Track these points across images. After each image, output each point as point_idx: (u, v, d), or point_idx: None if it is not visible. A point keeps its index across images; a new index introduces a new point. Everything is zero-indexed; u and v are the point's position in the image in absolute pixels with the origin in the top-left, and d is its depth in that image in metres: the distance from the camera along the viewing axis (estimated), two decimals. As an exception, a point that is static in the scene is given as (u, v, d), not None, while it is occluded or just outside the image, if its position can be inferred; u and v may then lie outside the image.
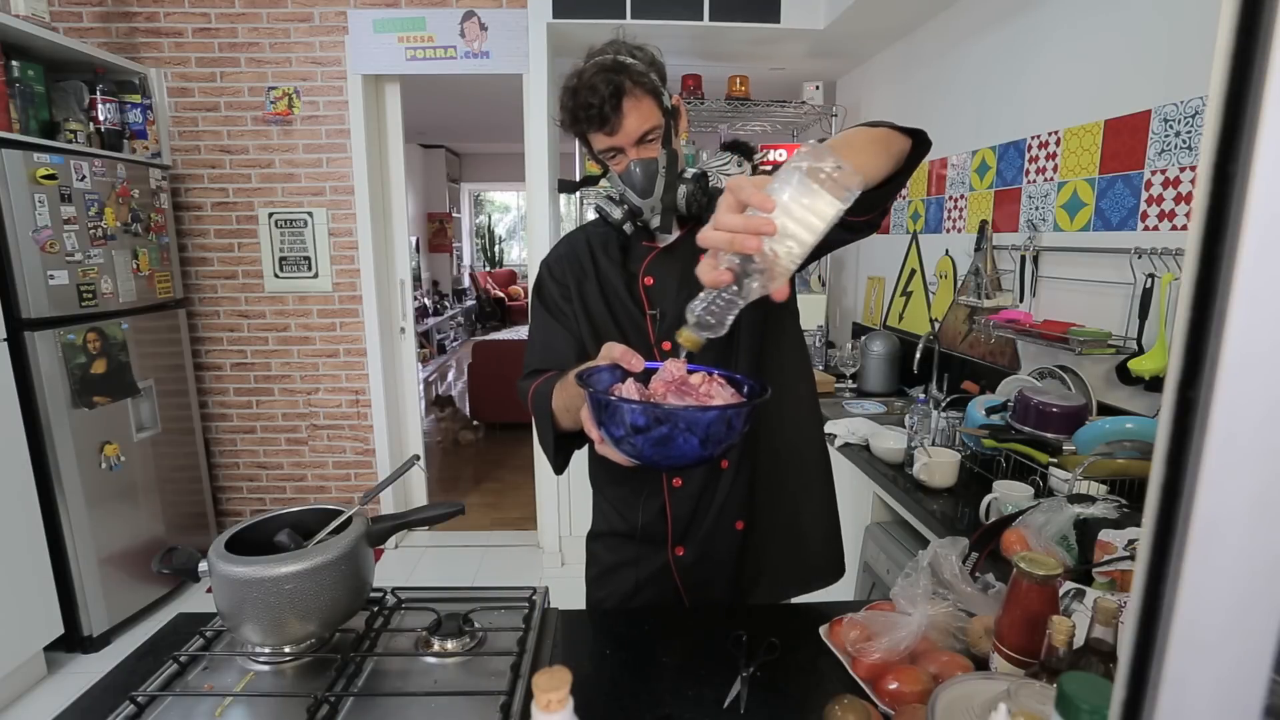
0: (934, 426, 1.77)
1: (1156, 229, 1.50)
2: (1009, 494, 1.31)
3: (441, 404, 5.01)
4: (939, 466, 1.53)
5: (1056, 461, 1.36)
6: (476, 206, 9.39)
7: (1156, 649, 0.23)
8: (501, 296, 8.81)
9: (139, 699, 0.76)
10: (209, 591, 0.82)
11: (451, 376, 6.20)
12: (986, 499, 1.33)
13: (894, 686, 0.76)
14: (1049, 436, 1.42)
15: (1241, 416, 0.22)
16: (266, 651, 0.84)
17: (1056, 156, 1.81)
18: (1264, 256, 0.21)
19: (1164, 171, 1.48)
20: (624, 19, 2.54)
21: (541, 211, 2.89)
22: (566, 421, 0.95)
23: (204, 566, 0.84)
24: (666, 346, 1.02)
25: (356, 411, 3.12)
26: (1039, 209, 1.89)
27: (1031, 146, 1.92)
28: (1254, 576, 0.23)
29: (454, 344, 6.84)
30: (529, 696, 0.59)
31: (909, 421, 1.80)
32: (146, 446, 2.59)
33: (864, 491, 1.83)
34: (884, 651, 0.79)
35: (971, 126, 2.22)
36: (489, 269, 9.54)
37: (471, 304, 8.27)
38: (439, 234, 7.68)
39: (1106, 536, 0.97)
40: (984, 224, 2.08)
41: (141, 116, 2.69)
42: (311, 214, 2.95)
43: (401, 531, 1.79)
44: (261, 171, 2.92)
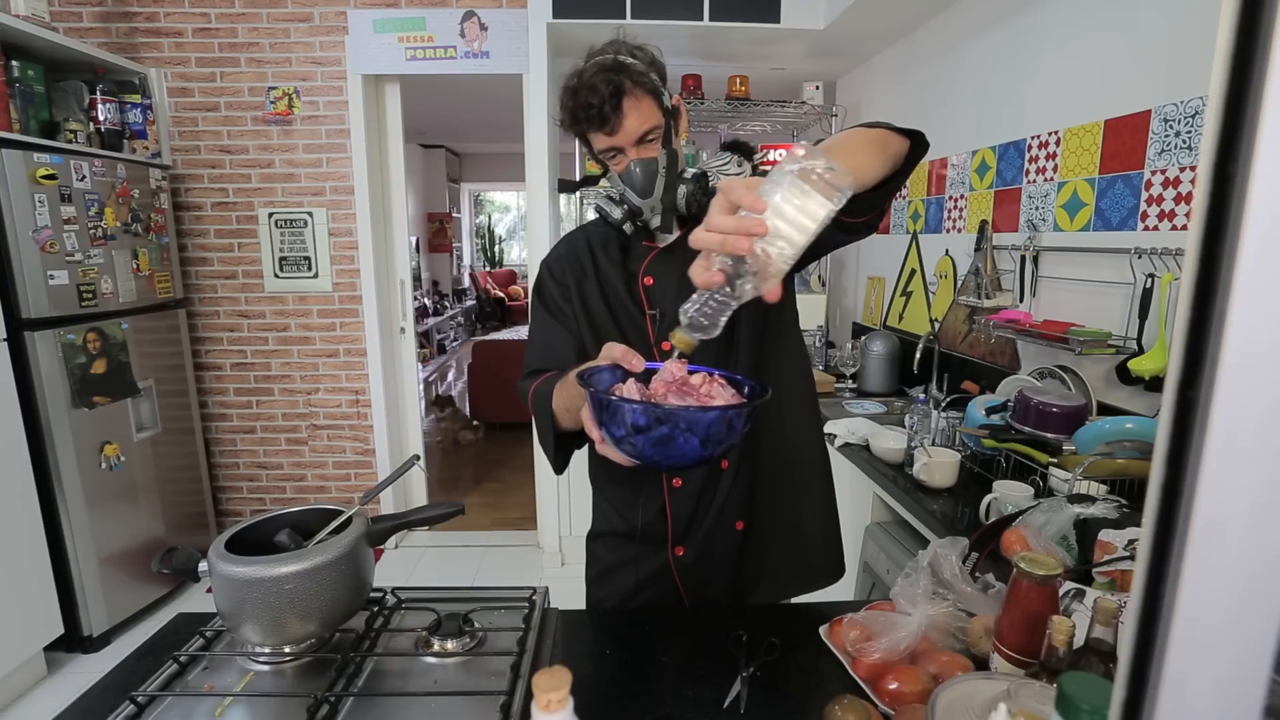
0: (934, 426, 1.77)
1: (1156, 229, 1.50)
2: (1009, 494, 1.31)
3: (441, 404, 5.01)
4: (939, 466, 1.53)
5: (1056, 461, 1.36)
6: (476, 206, 9.39)
7: (1156, 649, 0.23)
8: (501, 296, 8.81)
9: (139, 699, 0.76)
10: (209, 591, 0.82)
11: (451, 376, 6.20)
12: (986, 499, 1.33)
13: (894, 686, 0.76)
14: (1049, 436, 1.42)
15: (1241, 416, 0.22)
16: (266, 651, 0.84)
17: (1056, 156, 1.81)
18: (1264, 256, 0.21)
19: (1164, 171, 1.48)
20: (624, 19, 2.54)
21: (541, 211, 2.89)
22: (567, 421, 0.95)
23: (204, 566, 0.84)
24: (666, 346, 1.02)
25: (356, 411, 3.12)
26: (1039, 209, 1.89)
27: (1031, 146, 1.92)
28: (1254, 576, 0.23)
29: (454, 344, 6.84)
30: (529, 696, 0.59)
31: (909, 421, 1.80)
32: (146, 446, 2.59)
33: (864, 491, 1.83)
34: (884, 651, 0.79)
35: (971, 126, 2.22)
36: (489, 269, 9.54)
37: (471, 304, 8.27)
38: (439, 234, 7.68)
39: (1106, 536, 0.97)
40: (984, 224, 2.08)
41: (141, 116, 2.69)
42: (311, 214, 2.95)
43: (401, 531, 1.79)
44: (261, 171, 2.92)
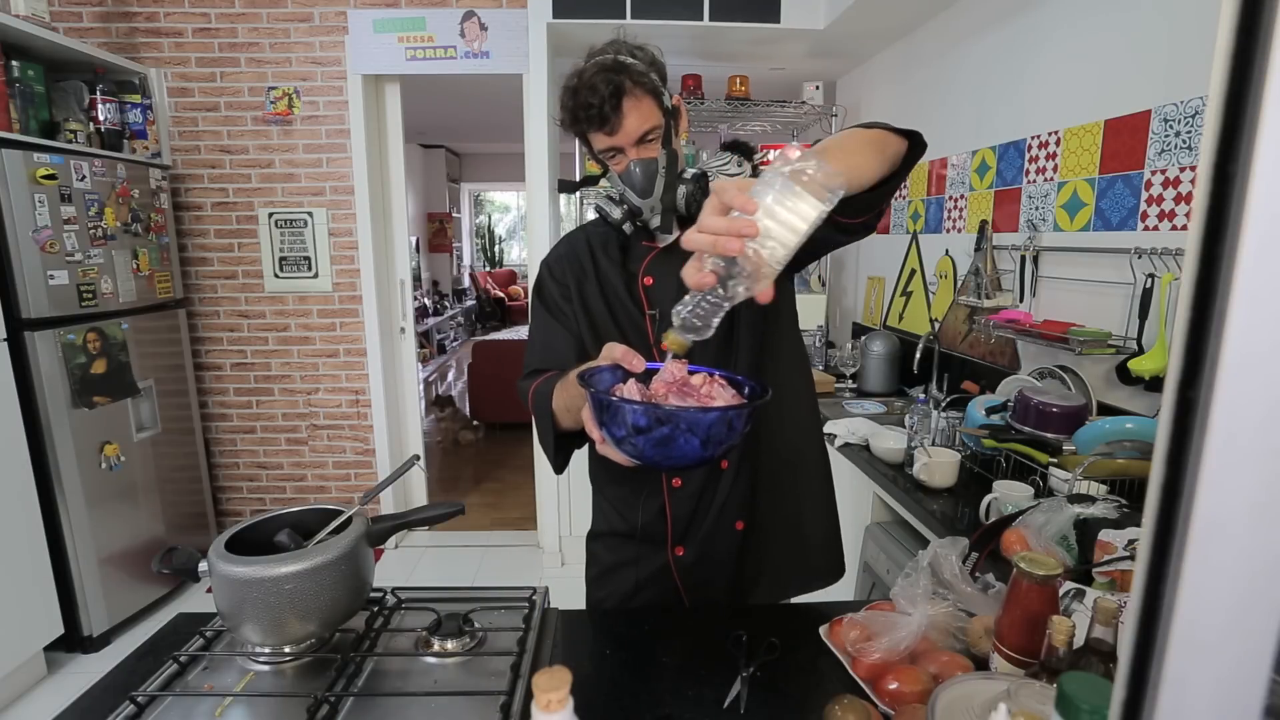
0: (934, 426, 1.77)
1: (1156, 229, 1.50)
2: (1009, 494, 1.31)
3: (441, 404, 5.01)
4: (939, 466, 1.53)
5: (1056, 461, 1.36)
6: (476, 206, 9.39)
7: (1156, 649, 0.23)
8: (501, 296, 8.81)
9: (139, 699, 0.76)
10: (209, 591, 0.82)
11: (451, 376, 6.20)
12: (986, 499, 1.33)
13: (894, 686, 0.76)
14: (1049, 436, 1.42)
15: (1241, 416, 0.22)
16: (266, 651, 0.84)
17: (1056, 156, 1.81)
18: (1264, 256, 0.21)
19: (1164, 171, 1.48)
20: (624, 19, 2.54)
21: (541, 211, 2.89)
22: (567, 421, 0.95)
23: (204, 566, 0.84)
24: (665, 347, 1.02)
25: (356, 411, 3.12)
26: (1039, 209, 1.89)
27: (1031, 146, 1.92)
28: (1254, 576, 0.23)
29: (454, 344, 6.84)
30: (529, 696, 0.59)
31: (909, 421, 1.80)
32: (146, 446, 2.59)
33: (864, 491, 1.83)
34: (884, 651, 0.79)
35: (971, 126, 2.22)
36: (489, 269, 9.54)
37: (471, 304, 8.27)
38: (439, 234, 7.68)
39: (1106, 536, 0.97)
40: (984, 224, 2.08)
41: (141, 116, 2.69)
42: (311, 214, 2.95)
43: (401, 531, 1.79)
44: (261, 171, 2.92)
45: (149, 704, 0.77)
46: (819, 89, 3.05)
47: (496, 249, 9.92)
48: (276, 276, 2.99)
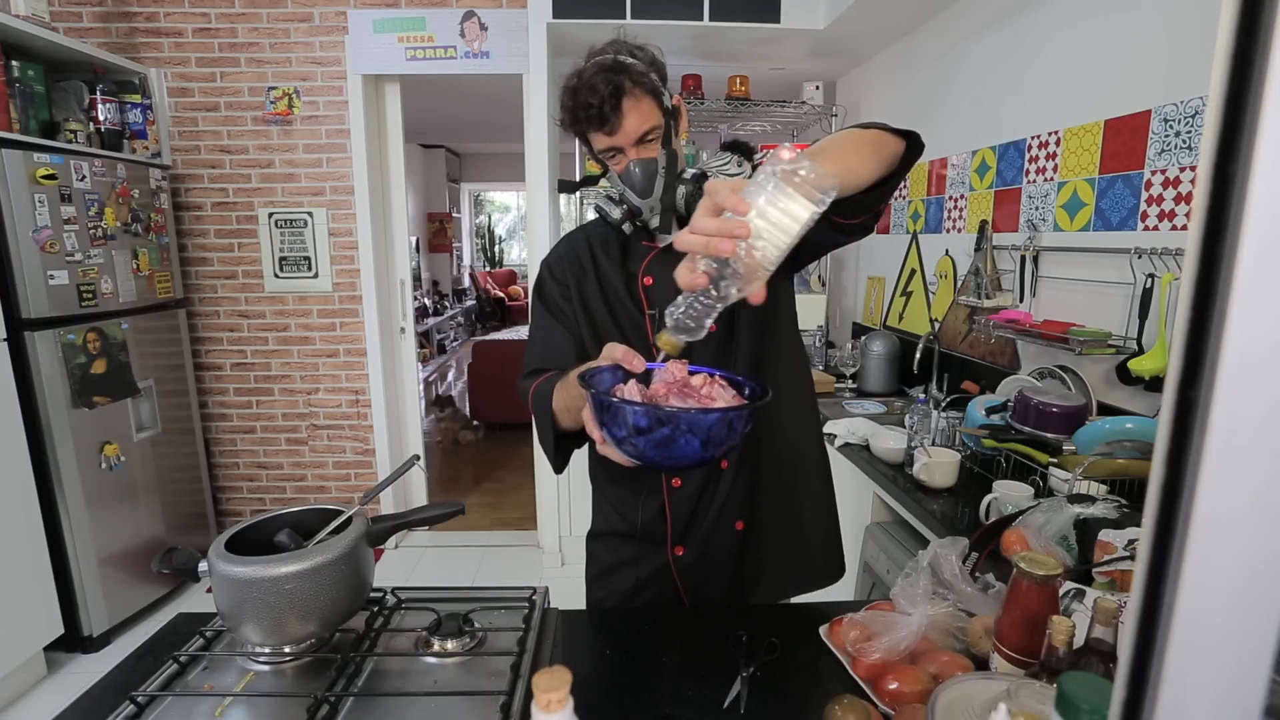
0: (934, 426, 1.77)
1: (1156, 229, 1.50)
2: (1009, 494, 1.31)
3: (441, 404, 5.01)
4: (939, 466, 1.53)
5: (1056, 461, 1.36)
6: (476, 206, 9.39)
7: (1156, 649, 0.23)
8: (501, 296, 8.81)
9: (139, 699, 0.76)
10: (209, 591, 0.82)
11: (451, 376, 6.20)
12: (986, 499, 1.33)
13: (894, 686, 0.76)
14: (1049, 436, 1.42)
15: (1241, 416, 0.22)
16: (266, 651, 0.84)
17: (1056, 156, 1.81)
18: (1264, 256, 0.21)
19: (1164, 171, 1.48)
20: (624, 19, 2.54)
21: (541, 211, 2.89)
22: (567, 421, 0.95)
23: (204, 566, 0.84)
24: None
25: (356, 411, 3.12)
26: (1039, 209, 1.89)
27: (1031, 146, 1.92)
28: (1254, 576, 0.23)
29: (454, 344, 6.84)
30: (529, 696, 0.59)
31: (909, 421, 1.80)
32: (146, 446, 2.59)
33: (864, 491, 1.83)
34: (884, 651, 0.79)
35: (971, 126, 2.22)
36: (489, 269, 9.54)
37: (471, 304, 8.27)
38: (439, 234, 7.68)
39: (1106, 536, 0.97)
40: (984, 224, 2.08)
41: (141, 116, 2.69)
42: (311, 214, 2.95)
43: (401, 531, 1.79)
44: (261, 171, 2.92)
45: (149, 704, 0.77)
46: (819, 89, 3.05)
47: (496, 249, 9.92)
48: (276, 276, 2.99)
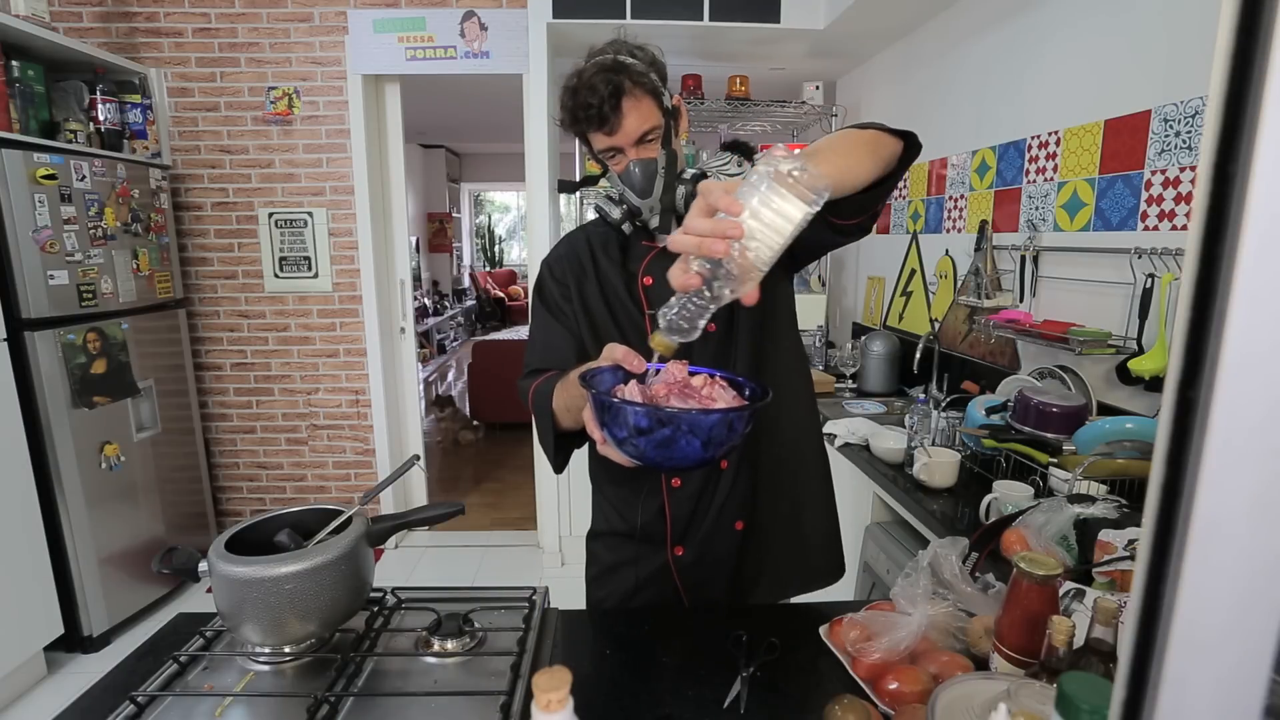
0: (934, 426, 1.77)
1: (1156, 229, 1.50)
2: (1009, 494, 1.31)
3: (441, 404, 5.01)
4: (939, 466, 1.53)
5: (1056, 461, 1.36)
6: (476, 206, 9.39)
7: (1156, 649, 0.23)
8: (501, 296, 8.81)
9: (139, 699, 0.76)
10: (209, 591, 0.82)
11: (451, 376, 6.20)
12: (986, 499, 1.33)
13: (894, 686, 0.76)
14: (1049, 436, 1.42)
15: (1241, 416, 0.22)
16: (266, 651, 0.84)
17: (1056, 156, 1.81)
18: (1264, 256, 0.21)
19: (1164, 171, 1.48)
20: (624, 19, 2.54)
21: (541, 211, 2.89)
22: (567, 421, 0.95)
23: (204, 566, 0.84)
24: None
25: (356, 411, 3.12)
26: (1039, 209, 1.89)
27: (1031, 146, 1.92)
28: (1254, 576, 0.23)
29: (454, 344, 6.84)
30: (529, 696, 0.59)
31: (909, 421, 1.80)
32: (146, 446, 2.59)
33: (864, 491, 1.83)
34: (884, 651, 0.79)
35: (971, 126, 2.22)
36: (489, 269, 9.54)
37: (471, 304, 8.27)
38: (439, 234, 7.68)
39: (1106, 536, 0.97)
40: (984, 224, 2.08)
41: (141, 116, 2.69)
42: (311, 214, 2.95)
43: (401, 531, 1.79)
44: (261, 171, 2.92)
45: (149, 704, 0.77)
46: (819, 89, 3.05)
47: (496, 249, 9.92)
48: (276, 276, 2.99)
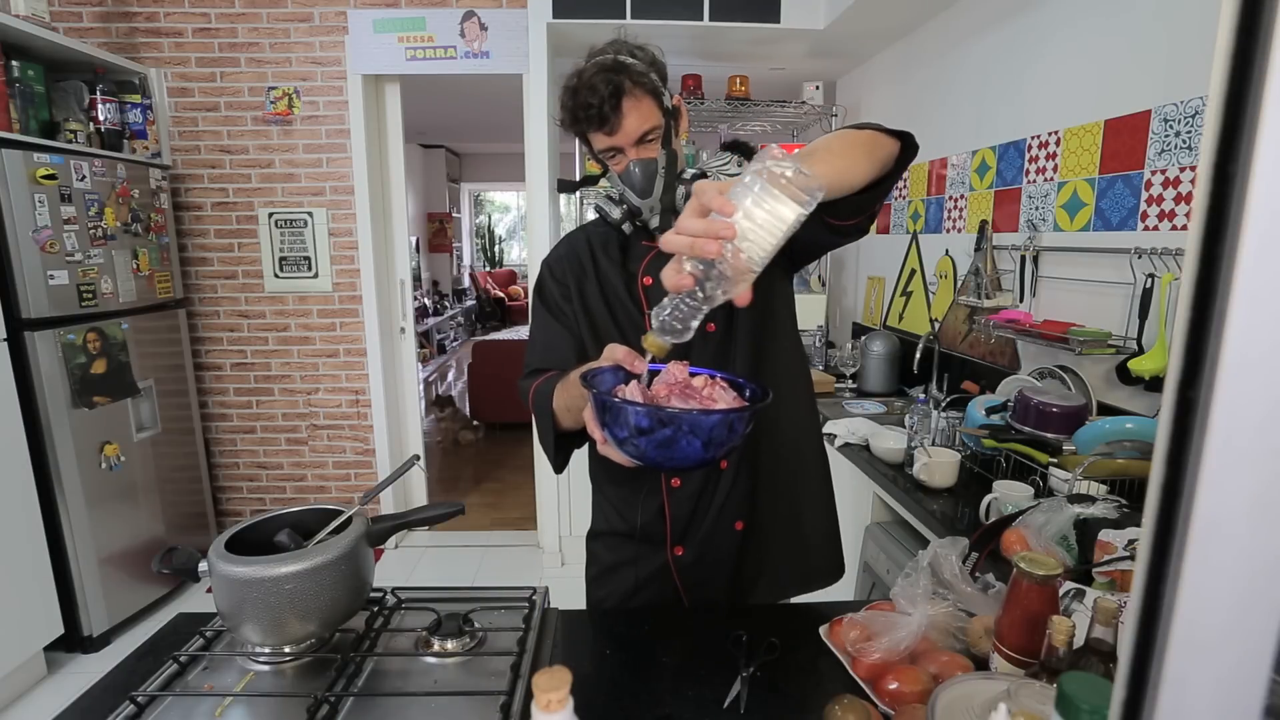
0: (934, 426, 1.77)
1: (1156, 229, 1.50)
2: (1009, 494, 1.31)
3: (441, 404, 5.01)
4: (939, 466, 1.53)
5: (1056, 461, 1.36)
6: (476, 206, 9.39)
7: (1156, 649, 0.23)
8: (501, 296, 8.81)
9: (139, 699, 0.76)
10: (209, 591, 0.82)
11: (451, 376, 6.20)
12: (986, 499, 1.33)
13: (894, 686, 0.76)
14: (1049, 436, 1.42)
15: (1241, 417, 0.22)
16: (266, 651, 0.84)
17: (1056, 156, 1.81)
18: (1264, 256, 0.21)
19: (1164, 171, 1.48)
20: (624, 19, 2.54)
21: (541, 211, 2.89)
22: (567, 421, 0.95)
23: (204, 566, 0.84)
24: None
25: (356, 411, 3.12)
26: (1039, 209, 1.89)
27: (1031, 146, 1.92)
28: (1254, 576, 0.23)
29: (454, 344, 6.84)
30: (529, 696, 0.59)
31: (909, 421, 1.80)
32: (146, 446, 2.59)
33: (864, 491, 1.83)
34: (884, 651, 0.79)
35: (971, 126, 2.22)
36: (489, 269, 9.54)
37: (471, 304, 8.27)
38: (439, 234, 7.68)
39: (1106, 536, 0.97)
40: (984, 224, 2.08)
41: (141, 116, 2.69)
42: (311, 214, 2.95)
43: (401, 531, 1.79)
44: (261, 171, 2.92)
45: (149, 704, 0.77)
46: (819, 89, 3.05)
47: (496, 249, 9.92)
48: (276, 276, 2.99)
